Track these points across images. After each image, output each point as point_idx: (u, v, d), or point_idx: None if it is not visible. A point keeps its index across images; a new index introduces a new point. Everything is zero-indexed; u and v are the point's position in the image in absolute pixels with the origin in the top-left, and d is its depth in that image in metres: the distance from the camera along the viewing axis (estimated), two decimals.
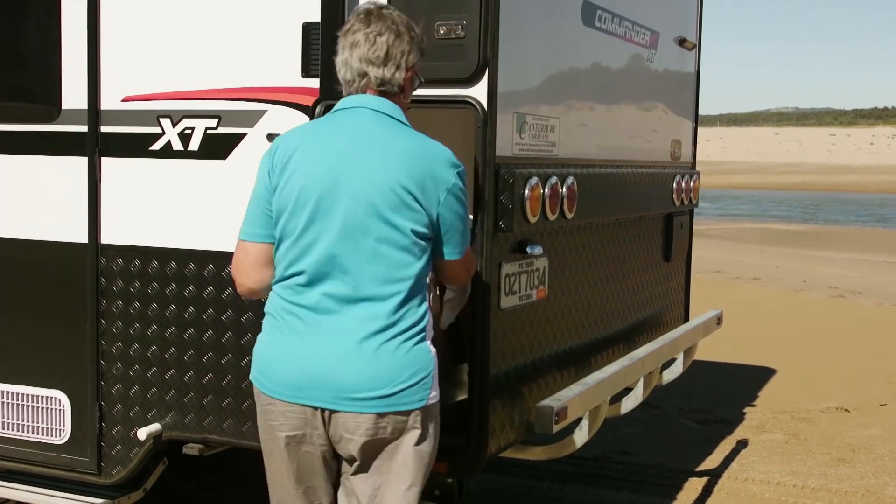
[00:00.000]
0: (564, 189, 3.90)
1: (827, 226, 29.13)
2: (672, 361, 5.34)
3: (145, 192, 3.91)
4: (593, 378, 4.24)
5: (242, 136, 3.74)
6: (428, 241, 2.87)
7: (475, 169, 3.47)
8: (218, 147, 3.78)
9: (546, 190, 3.75)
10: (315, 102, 3.56)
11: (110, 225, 3.97)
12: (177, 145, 3.84)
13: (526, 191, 3.60)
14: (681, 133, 5.68)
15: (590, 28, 4.29)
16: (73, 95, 3.98)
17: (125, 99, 3.91)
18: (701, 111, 6.08)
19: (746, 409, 7.63)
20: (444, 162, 2.87)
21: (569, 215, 3.96)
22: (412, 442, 2.89)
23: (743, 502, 5.69)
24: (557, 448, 4.14)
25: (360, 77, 2.92)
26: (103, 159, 3.97)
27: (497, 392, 3.60)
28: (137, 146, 3.90)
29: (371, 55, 2.89)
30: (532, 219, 3.66)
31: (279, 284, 2.92)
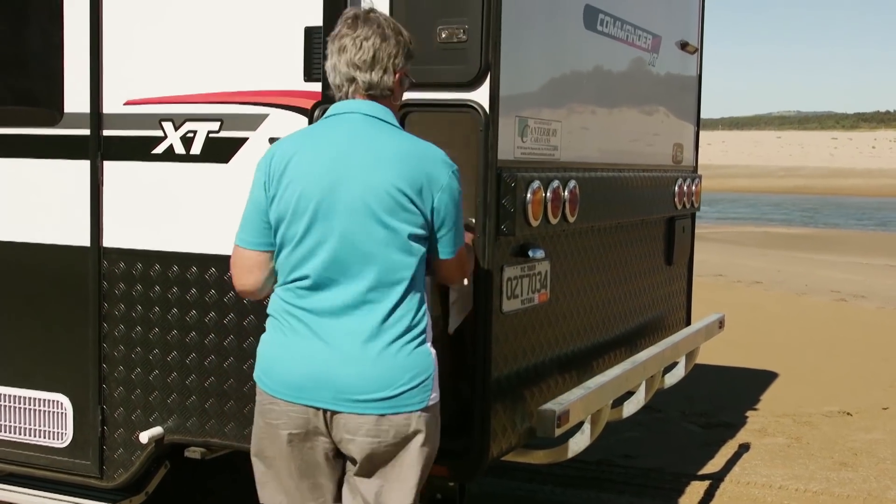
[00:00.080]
0: (566, 193, 3.90)
1: (829, 229, 29.13)
2: (674, 365, 5.33)
3: (147, 196, 3.91)
4: (595, 382, 4.24)
5: (245, 140, 3.74)
6: (424, 242, 2.90)
7: (477, 173, 3.47)
8: (220, 151, 3.78)
9: (548, 193, 3.75)
10: (314, 106, 3.57)
11: (112, 228, 3.98)
12: (179, 149, 3.84)
13: (528, 194, 3.61)
14: (682, 137, 5.68)
15: (591, 32, 4.29)
16: (76, 99, 3.98)
17: (127, 102, 3.92)
18: (703, 115, 6.08)
19: (748, 413, 7.62)
20: (438, 162, 2.90)
21: (571, 219, 3.96)
22: (413, 443, 2.91)
23: None
24: (559, 452, 4.14)
25: (349, 82, 2.94)
26: (105, 163, 3.97)
27: (499, 395, 3.60)
28: (140, 150, 3.90)
29: (358, 60, 2.91)
30: (534, 222, 3.66)
31: (281, 288, 2.96)
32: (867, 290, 14.64)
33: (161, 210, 3.89)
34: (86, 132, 3.97)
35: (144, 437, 3.90)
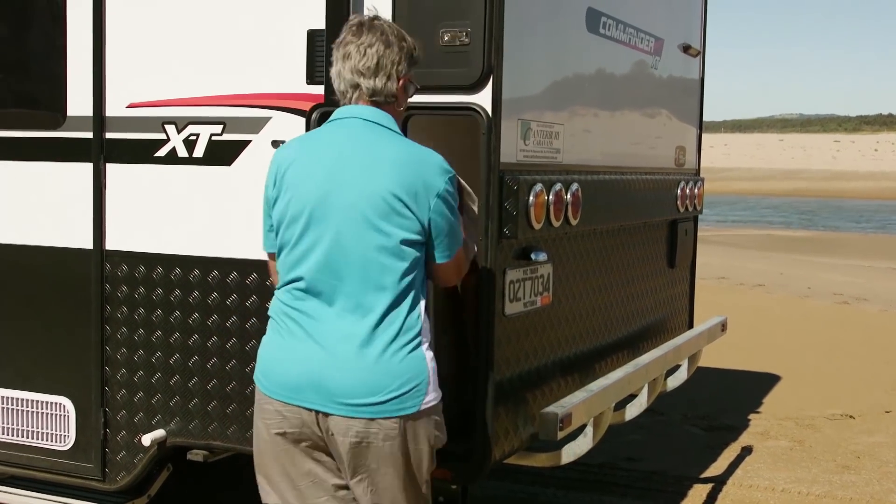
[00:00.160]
0: (569, 195, 3.90)
1: (831, 232, 29.12)
2: (676, 368, 5.33)
3: (150, 199, 3.92)
4: (598, 384, 4.23)
5: (247, 143, 3.75)
6: (421, 247, 2.93)
7: (481, 176, 3.47)
8: (223, 153, 3.79)
9: (550, 196, 3.75)
10: (312, 109, 3.57)
11: (115, 231, 3.98)
12: (182, 152, 3.84)
13: (530, 197, 3.61)
14: (685, 139, 5.68)
15: (594, 35, 4.29)
16: (79, 102, 3.99)
17: (130, 105, 3.92)
18: (705, 117, 6.08)
19: (751, 416, 7.61)
20: (435, 168, 2.93)
21: (573, 222, 3.96)
22: (402, 446, 2.93)
23: None
24: (561, 455, 4.13)
25: (353, 88, 2.99)
26: (108, 166, 3.97)
27: (501, 398, 3.60)
28: (142, 153, 3.91)
29: (362, 66, 2.96)
30: (536, 225, 3.66)
31: (280, 289, 3.02)
32: (869, 293, 14.63)
33: (163, 213, 3.90)
34: (88, 135, 3.98)
35: (147, 440, 3.91)
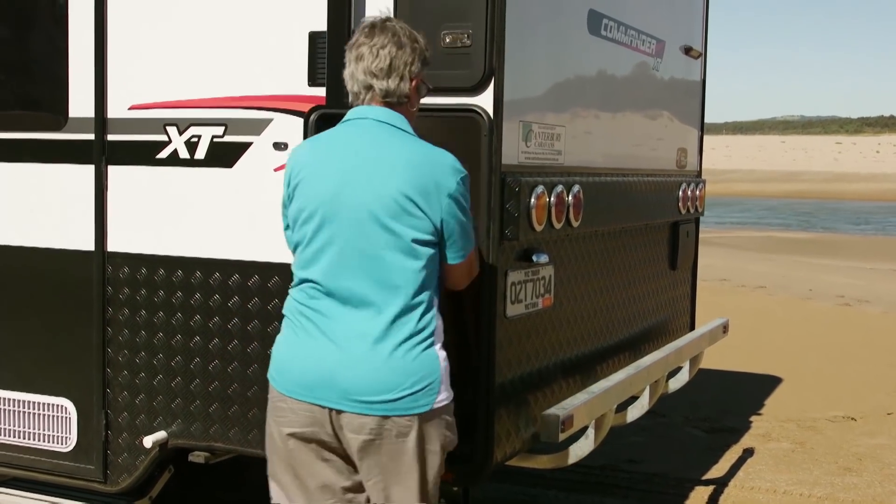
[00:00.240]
0: (570, 197, 3.90)
1: (833, 234, 29.10)
2: (678, 370, 5.33)
3: (152, 201, 3.92)
4: (599, 386, 4.23)
5: (249, 145, 3.75)
6: (433, 247, 2.95)
7: (482, 178, 3.47)
8: (224, 155, 3.79)
9: (552, 198, 3.75)
10: (311, 111, 3.57)
11: (117, 233, 3.98)
12: (183, 153, 3.85)
13: (532, 199, 3.61)
14: (686, 141, 5.68)
15: (595, 36, 4.29)
16: (81, 104, 3.99)
17: (132, 107, 3.92)
18: (707, 119, 6.08)
19: (753, 418, 7.61)
20: (447, 168, 2.95)
21: (574, 223, 3.96)
22: (416, 444, 2.95)
23: None
24: (563, 456, 4.13)
25: (366, 90, 3.02)
26: (110, 167, 3.98)
27: (503, 400, 3.60)
28: (144, 154, 3.91)
29: (374, 68, 2.99)
30: (538, 227, 3.66)
31: (294, 288, 3.05)
32: (871, 295, 14.62)
33: (165, 215, 3.90)
34: (90, 137, 3.98)
35: (148, 442, 3.91)
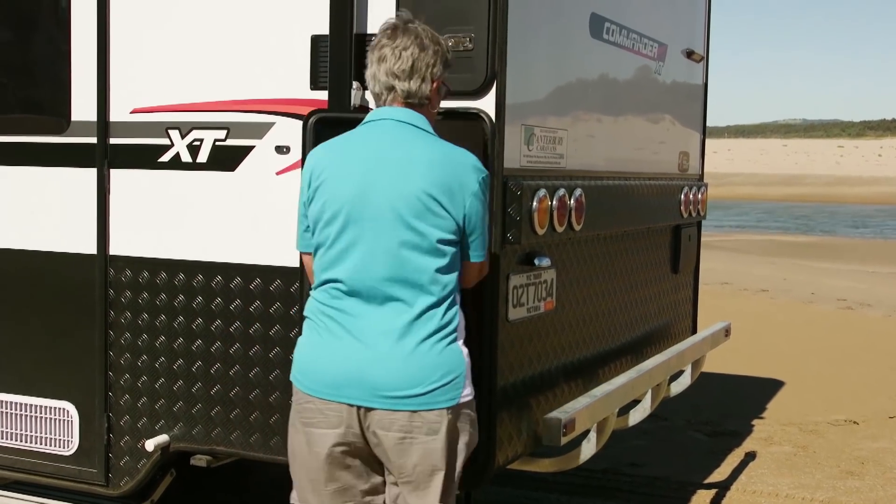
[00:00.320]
0: (572, 201, 3.90)
1: (835, 237, 29.09)
2: (680, 373, 5.33)
3: (154, 204, 3.92)
4: (601, 390, 4.23)
5: (251, 148, 3.75)
6: (455, 246, 3.00)
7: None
8: (226, 159, 3.79)
9: (554, 202, 3.75)
10: (309, 114, 3.56)
11: (119, 236, 3.99)
12: (185, 157, 3.85)
13: (534, 203, 3.61)
14: (688, 145, 5.68)
15: (598, 40, 4.29)
16: (83, 107, 4.00)
17: (134, 111, 3.93)
18: (709, 123, 6.08)
19: (755, 422, 7.61)
20: (469, 168, 3.01)
21: (577, 227, 3.96)
22: (444, 439, 2.98)
23: None
24: (565, 460, 4.13)
25: (388, 91, 3.05)
26: (112, 171, 3.98)
27: (505, 404, 3.60)
28: (146, 158, 3.91)
29: (397, 69, 3.02)
30: (540, 231, 3.66)
31: (317, 289, 3.07)
32: (873, 299, 14.61)
33: (167, 218, 3.90)
34: (93, 140, 3.98)
35: (150, 445, 3.91)
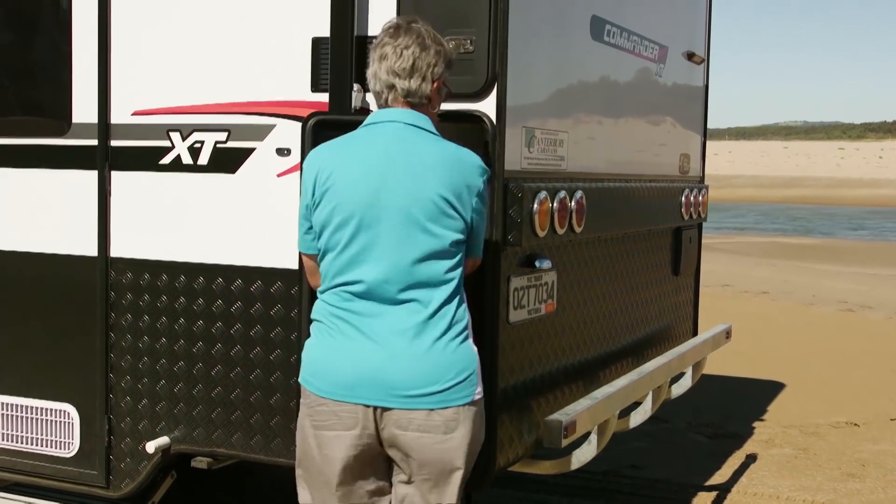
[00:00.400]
0: (573, 203, 3.90)
1: (836, 239, 29.08)
2: (681, 375, 5.32)
3: (155, 206, 3.92)
4: (602, 392, 4.23)
5: (252, 151, 3.75)
6: (464, 244, 3.03)
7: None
8: (227, 161, 3.79)
9: (555, 204, 3.75)
10: (309, 116, 3.57)
11: (120, 238, 3.99)
12: (186, 159, 3.85)
13: (535, 205, 3.61)
14: (689, 147, 5.68)
15: (598, 42, 4.29)
16: (84, 109, 4.00)
17: (135, 113, 3.93)
18: (709, 125, 6.08)
19: (755, 424, 7.60)
20: (476, 169, 3.03)
21: (577, 229, 3.96)
22: (460, 437, 2.99)
23: None
24: (566, 462, 4.13)
25: (388, 89, 3.05)
26: (113, 173, 3.98)
27: (505, 406, 3.60)
28: (147, 160, 3.91)
29: (397, 67, 3.02)
30: (541, 233, 3.66)
31: (327, 292, 3.05)
32: (874, 301, 14.61)
33: (168, 220, 3.90)
34: (94, 142, 3.99)
35: (151, 447, 3.91)
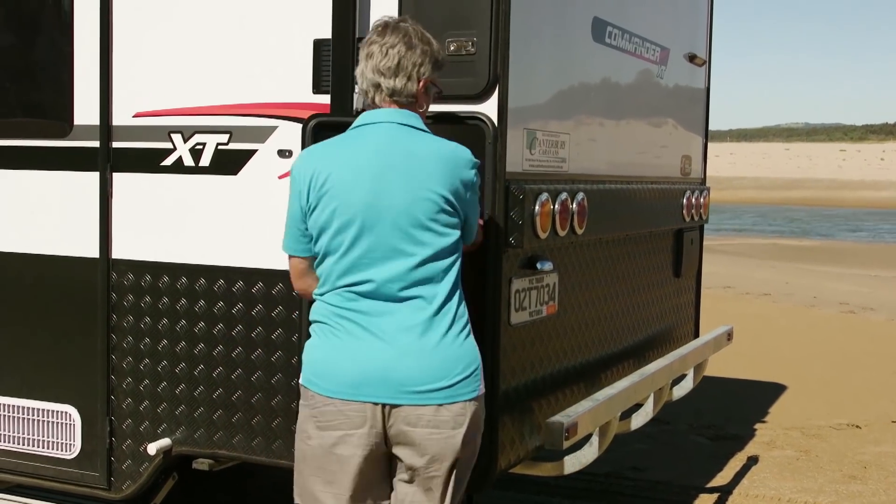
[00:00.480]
0: (574, 205, 3.90)
1: (837, 241, 29.07)
2: (682, 377, 5.32)
3: (156, 208, 3.92)
4: (603, 394, 4.23)
5: (253, 152, 3.75)
6: (461, 238, 3.05)
7: (486, 185, 3.47)
8: (229, 163, 3.79)
9: (556, 206, 3.75)
10: (309, 118, 3.56)
11: (121, 240, 3.99)
12: (188, 161, 3.85)
13: (536, 206, 3.61)
14: (691, 148, 5.68)
15: (600, 44, 4.29)
16: (85, 111, 4.00)
17: (137, 115, 3.93)
18: (711, 126, 6.08)
19: (757, 426, 7.60)
20: (468, 163, 3.06)
21: (579, 231, 3.96)
22: (467, 432, 3.00)
23: None
24: (567, 464, 4.12)
25: (374, 87, 3.07)
26: (115, 175, 3.98)
27: (507, 408, 3.59)
28: (149, 162, 3.92)
29: (383, 66, 3.03)
30: (542, 234, 3.66)
31: (329, 293, 3.03)
32: (875, 303, 14.61)
33: (170, 222, 3.90)
34: (95, 144, 3.99)
35: (152, 449, 3.91)
